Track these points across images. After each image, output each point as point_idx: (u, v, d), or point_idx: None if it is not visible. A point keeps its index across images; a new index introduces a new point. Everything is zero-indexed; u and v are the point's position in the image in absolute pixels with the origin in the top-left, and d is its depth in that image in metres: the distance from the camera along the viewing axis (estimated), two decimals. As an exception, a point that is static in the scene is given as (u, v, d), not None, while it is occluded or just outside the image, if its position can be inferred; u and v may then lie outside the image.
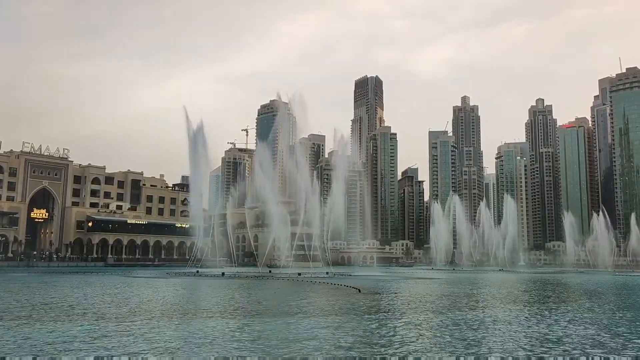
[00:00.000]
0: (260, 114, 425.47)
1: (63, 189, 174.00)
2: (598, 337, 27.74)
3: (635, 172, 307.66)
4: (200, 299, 51.22)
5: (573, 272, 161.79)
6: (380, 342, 25.63)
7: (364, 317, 35.61)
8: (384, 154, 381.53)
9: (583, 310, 42.26)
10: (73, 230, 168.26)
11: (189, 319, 33.63)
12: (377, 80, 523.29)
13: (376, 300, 49.83)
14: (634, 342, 26.33)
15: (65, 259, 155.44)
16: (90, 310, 37.05)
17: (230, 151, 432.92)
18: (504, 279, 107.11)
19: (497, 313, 39.58)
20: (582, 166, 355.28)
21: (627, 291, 70.78)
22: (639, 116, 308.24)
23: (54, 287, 61.60)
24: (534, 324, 33.11)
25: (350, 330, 29.32)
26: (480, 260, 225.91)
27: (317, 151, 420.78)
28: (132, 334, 26.60)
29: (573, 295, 64.07)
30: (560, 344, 25.53)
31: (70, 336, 25.55)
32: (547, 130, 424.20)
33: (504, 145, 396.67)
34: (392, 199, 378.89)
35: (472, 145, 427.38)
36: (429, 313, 39.10)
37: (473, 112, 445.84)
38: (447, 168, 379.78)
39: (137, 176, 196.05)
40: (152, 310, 38.43)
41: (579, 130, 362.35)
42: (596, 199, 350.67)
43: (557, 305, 47.60)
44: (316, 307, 42.45)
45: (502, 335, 28.07)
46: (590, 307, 45.19)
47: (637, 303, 52.31)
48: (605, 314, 39.82)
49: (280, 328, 29.47)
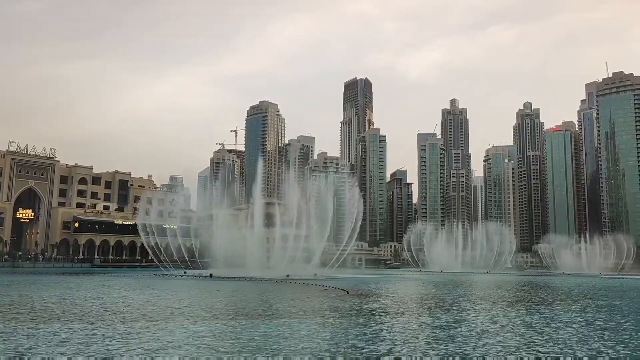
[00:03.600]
0: (249, 115, 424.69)
1: (49, 189, 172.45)
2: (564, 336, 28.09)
3: (620, 175, 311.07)
4: (186, 301, 51.01)
5: (559, 275, 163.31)
6: (365, 343, 25.76)
7: (351, 318, 35.73)
8: (373, 156, 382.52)
9: (566, 311, 42.72)
10: (59, 230, 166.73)
11: (172, 322, 33.53)
12: (366, 82, 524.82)
13: (363, 302, 50.06)
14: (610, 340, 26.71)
15: (51, 259, 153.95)
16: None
17: (219, 152, 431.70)
18: (489, 281, 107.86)
19: (475, 313, 39.91)
20: (569, 169, 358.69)
21: (612, 293, 71.63)
22: (625, 120, 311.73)
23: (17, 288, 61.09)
24: (510, 323, 33.43)
25: (338, 331, 29.42)
26: (468, 262, 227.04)
27: (306, 152, 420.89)
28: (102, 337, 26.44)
29: (558, 297, 64.70)
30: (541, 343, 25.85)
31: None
32: (534, 134, 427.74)
33: (492, 148, 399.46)
34: (381, 201, 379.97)
35: (461, 148, 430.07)
36: (412, 315, 39.33)
37: (462, 115, 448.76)
38: (436, 170, 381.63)
39: (125, 176, 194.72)
40: (131, 312, 38.24)
41: (565, 134, 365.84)
42: (582, 201, 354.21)
43: (542, 307, 48.09)
44: (304, 309, 42.51)
45: (480, 335, 28.34)
46: (568, 309, 45.68)
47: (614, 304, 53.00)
48: (586, 314, 40.27)
49: (268, 330, 29.50)
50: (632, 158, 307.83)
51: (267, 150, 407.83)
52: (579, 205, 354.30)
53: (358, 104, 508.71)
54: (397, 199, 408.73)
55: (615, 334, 30.85)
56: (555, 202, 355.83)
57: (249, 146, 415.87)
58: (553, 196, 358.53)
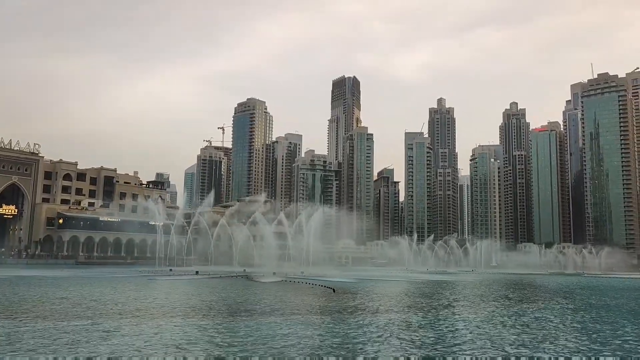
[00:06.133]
0: (237, 112, 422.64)
1: (33, 185, 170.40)
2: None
3: (604, 175, 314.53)
4: (171, 298, 50.73)
5: (544, 274, 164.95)
6: (351, 340, 25.82)
7: (337, 316, 35.77)
8: (360, 154, 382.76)
9: (547, 310, 43.18)
10: (43, 227, 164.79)
11: (157, 320, 33.33)
12: (354, 81, 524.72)
13: (350, 300, 50.20)
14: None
15: (35, 256, 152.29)
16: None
17: (206, 149, 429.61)
18: (473, 280, 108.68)
19: (454, 312, 40.22)
20: (554, 169, 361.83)
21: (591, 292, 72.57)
22: (609, 121, 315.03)
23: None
24: (489, 322, 33.75)
25: (324, 328, 29.45)
26: (453, 261, 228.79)
27: (293, 150, 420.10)
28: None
29: (542, 295, 65.39)
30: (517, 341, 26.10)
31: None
32: (520, 134, 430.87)
33: (479, 148, 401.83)
34: (367, 199, 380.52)
35: (448, 147, 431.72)
36: (396, 313, 39.51)
37: (449, 114, 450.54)
38: (423, 169, 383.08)
39: (110, 173, 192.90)
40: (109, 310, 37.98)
41: (551, 134, 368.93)
42: (567, 201, 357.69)
43: (525, 305, 48.60)
44: (291, 306, 42.50)
45: (461, 333, 28.56)
46: (546, 306, 46.19)
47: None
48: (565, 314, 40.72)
49: (257, 327, 29.46)
50: (616, 158, 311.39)
51: (254, 147, 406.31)
52: (563, 205, 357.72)
53: (346, 102, 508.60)
54: (384, 197, 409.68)
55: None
56: (540, 201, 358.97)
57: (236, 143, 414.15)
58: (538, 196, 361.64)
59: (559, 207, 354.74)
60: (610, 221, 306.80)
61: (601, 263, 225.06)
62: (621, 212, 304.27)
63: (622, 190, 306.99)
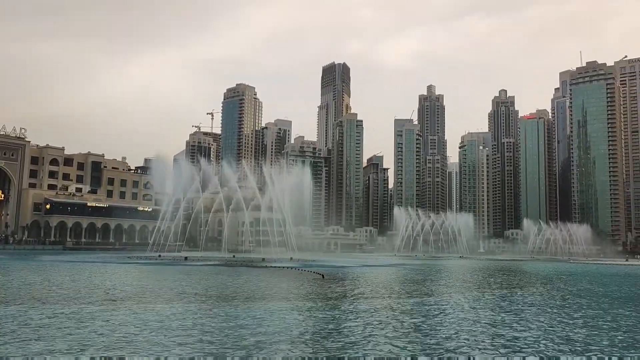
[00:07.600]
0: (226, 97, 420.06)
1: (19, 170, 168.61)
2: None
3: (591, 163, 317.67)
4: (160, 284, 50.63)
5: (529, 260, 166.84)
6: (340, 329, 25.95)
7: (326, 302, 35.95)
8: (349, 141, 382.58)
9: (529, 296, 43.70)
10: (30, 212, 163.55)
11: (143, 304, 33.27)
12: (344, 67, 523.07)
13: (339, 286, 50.47)
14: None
15: (22, 242, 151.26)
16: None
17: (195, 134, 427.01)
18: (462, 265, 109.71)
19: (442, 298, 40.61)
20: (542, 156, 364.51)
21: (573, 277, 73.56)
22: (597, 109, 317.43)
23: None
24: (472, 308, 34.09)
25: (314, 315, 29.59)
26: (442, 247, 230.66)
27: (283, 136, 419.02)
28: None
29: (524, 281, 66.20)
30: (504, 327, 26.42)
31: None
32: (509, 121, 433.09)
33: (468, 135, 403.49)
34: (357, 186, 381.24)
35: (437, 134, 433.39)
36: (385, 298, 39.80)
37: (438, 101, 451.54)
38: (412, 156, 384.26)
39: (98, 158, 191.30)
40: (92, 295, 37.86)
41: (539, 122, 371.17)
42: (554, 188, 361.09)
43: (508, 291, 49.17)
44: (279, 292, 42.65)
45: (449, 321, 28.84)
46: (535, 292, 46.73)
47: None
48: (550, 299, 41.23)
49: (244, 314, 29.51)
50: (603, 146, 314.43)
51: (243, 133, 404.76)
52: (551, 192, 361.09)
53: (336, 89, 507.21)
54: (373, 184, 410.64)
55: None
56: (527, 188, 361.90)
57: (225, 129, 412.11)
58: (525, 183, 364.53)
59: (546, 194, 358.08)
60: (596, 208, 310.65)
61: (585, 250, 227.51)
62: (607, 199, 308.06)
63: (608, 178, 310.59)
